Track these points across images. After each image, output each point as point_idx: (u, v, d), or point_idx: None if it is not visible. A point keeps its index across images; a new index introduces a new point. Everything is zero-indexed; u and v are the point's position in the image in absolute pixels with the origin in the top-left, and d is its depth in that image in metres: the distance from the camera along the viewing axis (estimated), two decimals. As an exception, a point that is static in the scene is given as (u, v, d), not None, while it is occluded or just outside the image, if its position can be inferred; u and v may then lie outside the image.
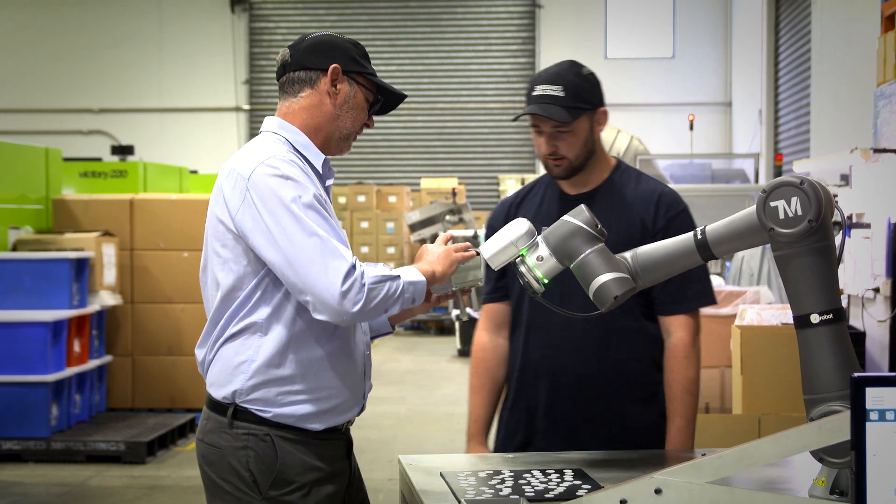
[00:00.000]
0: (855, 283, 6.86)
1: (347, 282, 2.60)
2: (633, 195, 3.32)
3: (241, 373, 2.75)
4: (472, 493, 2.61)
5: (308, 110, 2.83)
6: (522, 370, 3.39)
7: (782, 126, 15.91)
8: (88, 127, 19.80)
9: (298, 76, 2.84)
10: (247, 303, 2.74)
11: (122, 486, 7.30)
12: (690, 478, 2.21)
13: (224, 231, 2.74)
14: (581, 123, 3.21)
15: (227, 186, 2.73)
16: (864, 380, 1.89)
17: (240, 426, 2.75)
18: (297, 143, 2.82)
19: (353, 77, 2.84)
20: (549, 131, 3.21)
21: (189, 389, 9.20)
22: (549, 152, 3.23)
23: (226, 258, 2.75)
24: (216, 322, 2.78)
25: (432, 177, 19.32)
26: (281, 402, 2.74)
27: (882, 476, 1.88)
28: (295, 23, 20.11)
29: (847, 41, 11.89)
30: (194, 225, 9.29)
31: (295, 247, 2.62)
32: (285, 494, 2.74)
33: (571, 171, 3.27)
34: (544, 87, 3.16)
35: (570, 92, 3.15)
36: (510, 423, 3.43)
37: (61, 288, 8.12)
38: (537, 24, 19.87)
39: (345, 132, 2.87)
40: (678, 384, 3.29)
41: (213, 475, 2.79)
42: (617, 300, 2.59)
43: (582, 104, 3.18)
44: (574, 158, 3.24)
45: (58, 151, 9.71)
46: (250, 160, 2.72)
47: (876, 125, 6.97)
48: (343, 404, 2.82)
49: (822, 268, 2.41)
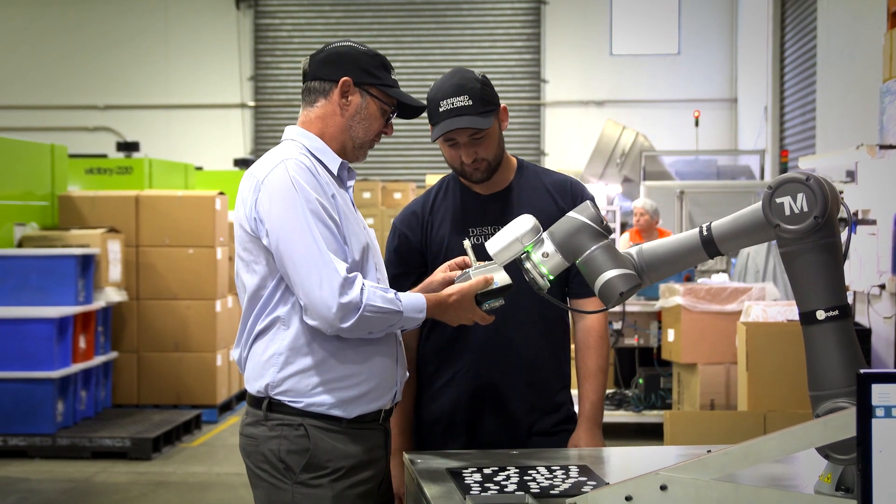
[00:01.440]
0: (861, 280, 6.85)
1: (344, 297, 2.71)
2: (546, 186, 3.39)
3: (271, 366, 2.85)
4: (478, 490, 2.61)
5: (323, 120, 2.94)
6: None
7: (788, 122, 15.89)
8: (94, 123, 19.80)
9: (314, 86, 2.96)
10: (270, 300, 2.85)
11: (128, 483, 7.31)
12: (696, 474, 2.21)
13: (243, 234, 2.86)
14: (493, 125, 3.26)
15: (245, 191, 2.86)
16: (870, 376, 1.88)
17: (274, 417, 2.85)
18: (313, 149, 2.91)
19: (366, 89, 2.93)
20: (465, 141, 3.24)
21: (194, 386, 9.22)
22: (470, 161, 3.26)
23: (248, 261, 2.87)
24: (246, 321, 2.90)
25: (437, 173, 19.28)
26: (311, 392, 2.83)
27: (888, 473, 1.88)
28: (300, 19, 20.10)
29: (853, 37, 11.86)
30: (200, 221, 9.30)
31: (295, 253, 2.74)
32: (317, 478, 2.83)
33: (490, 171, 3.32)
34: (451, 100, 3.18)
35: (476, 99, 3.19)
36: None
37: (67, 284, 8.13)
38: (542, 20, 19.84)
39: (358, 141, 2.96)
40: (594, 363, 3.38)
41: (251, 465, 2.90)
42: (623, 296, 2.59)
43: (489, 107, 3.23)
44: (492, 158, 3.29)
45: (63, 148, 9.72)
46: (266, 165, 2.85)
47: (882, 121, 6.95)
48: (372, 391, 2.90)
49: (828, 264, 2.40)
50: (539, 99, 19.58)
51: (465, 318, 2.91)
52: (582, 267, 2.65)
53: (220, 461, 7.90)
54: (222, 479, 7.36)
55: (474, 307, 2.88)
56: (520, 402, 3.33)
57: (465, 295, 2.88)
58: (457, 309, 2.88)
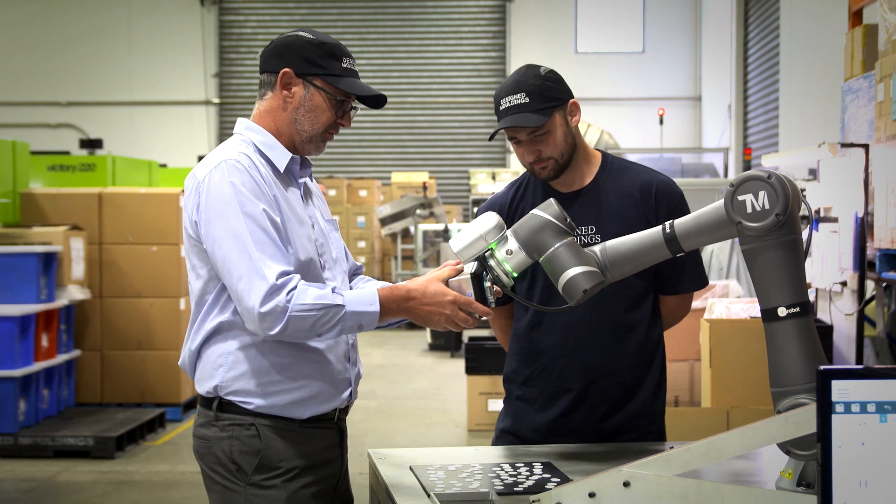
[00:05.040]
0: (822, 277, 6.91)
1: (267, 305, 2.61)
2: (627, 187, 3.28)
3: (219, 366, 2.79)
4: (442, 487, 2.61)
5: (270, 113, 2.86)
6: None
7: (751, 121, 16.00)
8: (57, 120, 19.66)
9: (262, 79, 2.89)
10: (216, 303, 2.78)
11: (91, 482, 7.26)
12: (659, 470, 2.22)
13: (187, 237, 2.80)
14: (555, 121, 3.18)
15: (188, 193, 2.79)
16: (830, 373, 1.90)
17: (225, 417, 2.79)
18: (261, 144, 2.84)
19: (309, 80, 2.82)
20: (526, 139, 3.18)
21: (158, 384, 9.17)
22: (533, 159, 3.20)
23: (193, 263, 2.81)
24: (193, 322, 2.84)
25: (403, 171, 19.32)
26: (262, 393, 2.77)
27: (848, 468, 1.89)
28: (265, 16, 20.04)
29: (815, 37, 11.96)
30: (163, 219, 9.25)
31: (227, 259, 2.67)
32: (269, 479, 2.77)
33: (559, 169, 3.23)
34: (509, 98, 3.14)
35: (533, 95, 3.13)
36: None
37: (29, 282, 8.06)
38: (508, 18, 19.88)
39: (305, 135, 2.86)
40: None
41: (205, 467, 2.84)
42: (586, 294, 2.60)
43: (549, 103, 3.15)
44: (559, 156, 3.20)
45: (25, 145, 9.64)
46: (205, 166, 2.77)
47: (843, 120, 7.02)
48: (325, 392, 2.83)
49: (790, 261, 2.42)
50: (504, 97, 19.58)
51: (437, 313, 2.73)
52: (545, 264, 2.65)
53: (184, 459, 7.86)
54: (186, 478, 7.32)
55: (444, 301, 2.71)
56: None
57: (430, 282, 2.73)
58: (421, 300, 2.73)
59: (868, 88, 6.53)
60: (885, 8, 6.28)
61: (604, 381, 3.26)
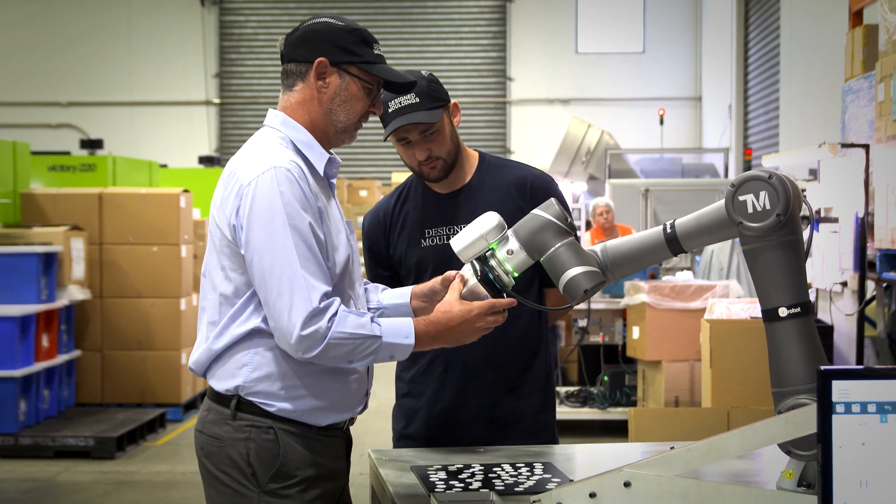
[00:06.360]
0: (823, 277, 6.90)
1: (308, 328, 2.55)
2: (506, 184, 3.37)
3: (244, 366, 2.69)
4: (443, 487, 2.61)
5: (303, 105, 2.74)
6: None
7: (752, 121, 15.99)
8: (57, 120, 19.65)
9: (290, 69, 2.76)
10: (247, 307, 2.68)
11: (92, 482, 7.27)
12: (659, 471, 2.22)
13: (221, 237, 2.68)
14: (443, 120, 3.28)
15: (227, 192, 2.67)
16: (831, 373, 1.90)
17: (242, 417, 2.69)
18: (299, 143, 2.73)
19: (345, 68, 2.72)
20: (417, 138, 3.26)
21: (158, 384, 9.17)
22: (424, 158, 3.28)
23: (224, 264, 2.69)
24: (216, 322, 2.72)
25: (403, 171, 19.28)
26: (285, 397, 2.68)
27: (848, 468, 1.89)
28: (265, 16, 20.03)
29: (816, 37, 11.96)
30: (164, 219, 9.25)
31: (268, 272, 2.57)
32: (284, 488, 2.68)
33: (447, 169, 3.32)
34: (398, 99, 3.20)
35: (423, 96, 3.21)
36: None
37: (29, 282, 8.06)
38: (508, 18, 19.87)
39: (340, 126, 2.77)
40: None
41: (212, 466, 2.75)
42: (587, 294, 2.60)
43: (437, 102, 3.24)
44: (447, 156, 3.30)
45: (26, 145, 9.64)
46: (252, 167, 2.64)
47: (844, 120, 7.01)
48: (346, 401, 2.77)
49: (790, 262, 2.42)
50: (505, 97, 19.61)
51: (469, 330, 2.71)
52: (546, 264, 2.65)
53: (184, 460, 7.86)
54: (186, 478, 7.32)
55: (472, 317, 2.69)
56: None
57: (452, 305, 2.71)
58: (450, 325, 2.70)
59: (868, 89, 6.52)
60: (886, 8, 6.28)
61: (487, 374, 3.34)
